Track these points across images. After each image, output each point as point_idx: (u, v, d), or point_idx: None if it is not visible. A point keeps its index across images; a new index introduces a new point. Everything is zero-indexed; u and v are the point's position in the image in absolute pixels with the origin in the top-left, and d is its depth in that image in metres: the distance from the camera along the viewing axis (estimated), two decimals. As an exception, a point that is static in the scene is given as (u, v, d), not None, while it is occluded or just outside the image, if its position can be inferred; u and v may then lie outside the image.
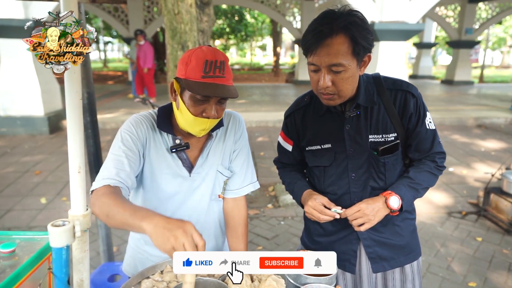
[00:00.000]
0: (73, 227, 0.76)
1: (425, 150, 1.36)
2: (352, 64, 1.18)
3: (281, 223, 3.89)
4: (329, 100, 1.27)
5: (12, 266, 0.81)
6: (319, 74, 1.21)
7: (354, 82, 1.24)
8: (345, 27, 1.14)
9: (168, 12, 4.01)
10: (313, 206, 1.32)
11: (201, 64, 1.12)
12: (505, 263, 3.16)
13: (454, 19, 16.19)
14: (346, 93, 1.24)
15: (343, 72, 1.18)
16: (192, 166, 1.31)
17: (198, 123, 1.19)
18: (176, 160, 1.29)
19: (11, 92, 7.26)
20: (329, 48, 1.15)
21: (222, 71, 1.15)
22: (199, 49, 1.16)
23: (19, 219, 3.83)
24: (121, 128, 1.25)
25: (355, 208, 1.27)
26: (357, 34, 1.14)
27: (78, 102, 0.76)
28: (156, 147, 1.27)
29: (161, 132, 1.28)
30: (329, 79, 1.20)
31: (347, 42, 1.14)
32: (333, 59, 1.16)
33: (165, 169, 1.28)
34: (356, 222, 1.27)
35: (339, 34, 1.14)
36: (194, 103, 1.16)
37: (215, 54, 1.15)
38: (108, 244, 2.55)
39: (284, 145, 1.51)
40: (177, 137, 1.27)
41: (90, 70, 2.22)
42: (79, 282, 0.84)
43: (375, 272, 1.41)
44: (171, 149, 1.26)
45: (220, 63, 1.14)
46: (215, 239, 1.45)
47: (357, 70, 1.22)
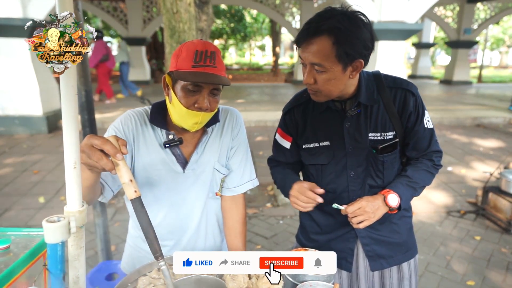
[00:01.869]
0: (69, 223, 0.75)
1: (423, 148, 1.36)
2: (335, 67, 1.16)
3: (280, 222, 3.89)
4: (314, 95, 1.27)
5: (6, 262, 0.80)
6: (305, 68, 1.22)
7: (339, 85, 1.21)
8: (329, 30, 1.11)
9: (166, 11, 4.00)
10: (297, 188, 1.30)
11: (191, 55, 1.12)
12: (504, 261, 3.16)
13: (453, 19, 16.21)
14: (328, 94, 1.23)
15: (324, 72, 1.17)
16: (187, 162, 1.29)
17: (191, 116, 1.17)
18: (170, 155, 1.27)
19: (9, 91, 7.24)
20: (312, 46, 1.15)
21: (213, 61, 1.14)
22: (190, 41, 1.16)
23: (17, 218, 3.82)
24: (112, 124, 1.27)
25: (356, 205, 1.25)
26: (341, 39, 1.11)
27: (74, 96, 0.75)
28: (146, 143, 1.26)
29: (154, 127, 1.27)
30: (312, 76, 1.20)
31: (329, 45, 1.12)
32: (314, 58, 1.15)
33: (158, 165, 1.26)
34: (356, 220, 1.25)
35: (323, 35, 1.13)
36: (186, 94, 1.15)
37: (205, 45, 1.15)
38: (106, 243, 2.55)
39: (282, 142, 1.47)
40: (170, 132, 1.26)
41: (88, 68, 2.22)
42: (74, 279, 0.83)
43: (373, 270, 1.41)
44: (164, 144, 1.25)
45: (211, 53, 1.14)
46: (213, 238, 1.44)
47: (343, 75, 1.19)
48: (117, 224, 3.78)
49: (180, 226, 1.35)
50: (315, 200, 1.26)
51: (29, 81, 7.23)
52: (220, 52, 1.20)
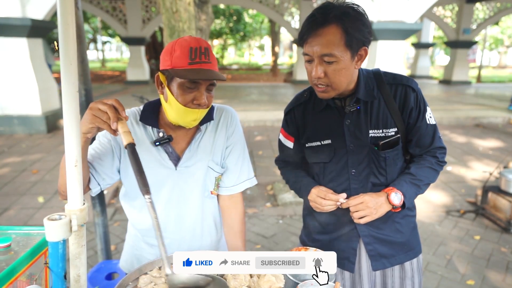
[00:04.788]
0: (70, 221, 0.74)
1: (426, 145, 1.35)
2: (345, 55, 1.16)
3: (279, 222, 3.89)
4: (323, 93, 1.25)
5: (7, 260, 0.80)
6: (312, 64, 1.21)
7: (348, 75, 1.22)
8: (338, 17, 1.13)
9: (166, 10, 4.00)
10: (316, 192, 1.32)
11: (186, 52, 1.12)
12: (503, 261, 3.16)
13: (452, 19, 16.24)
14: (339, 86, 1.23)
15: (335, 63, 1.17)
16: (179, 159, 1.29)
17: (189, 113, 1.18)
18: (162, 153, 1.28)
19: (8, 91, 7.24)
20: (321, 37, 1.15)
21: (207, 57, 1.15)
22: (181, 38, 1.16)
23: (17, 218, 3.81)
24: None
25: (359, 199, 1.25)
26: (350, 25, 1.13)
27: (75, 94, 0.75)
28: (139, 142, 1.26)
29: (146, 126, 1.27)
30: (322, 70, 1.19)
31: (339, 33, 1.14)
32: (324, 49, 1.15)
33: (150, 163, 1.26)
34: (357, 214, 1.25)
35: (332, 24, 1.14)
36: (183, 91, 1.15)
37: (198, 41, 1.15)
38: (106, 243, 2.54)
39: (285, 142, 1.48)
40: (160, 130, 1.26)
41: (88, 67, 2.21)
42: (76, 278, 0.82)
43: (374, 270, 1.40)
44: (154, 142, 1.25)
45: (205, 49, 1.14)
46: (210, 237, 1.42)
47: (352, 63, 1.20)
48: (117, 224, 3.78)
49: (175, 224, 1.34)
50: (338, 200, 1.28)
51: (28, 81, 7.22)
52: (211, 47, 1.21)
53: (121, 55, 43.65)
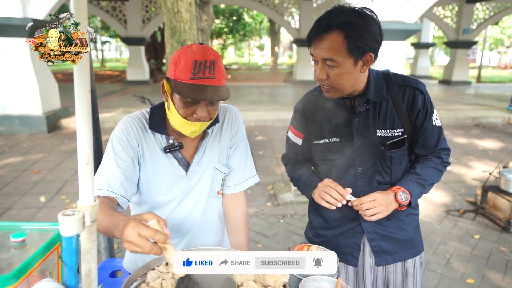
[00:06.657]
0: (83, 216, 0.77)
1: (431, 146, 1.39)
2: (347, 61, 1.19)
3: (280, 221, 3.91)
4: (327, 93, 1.30)
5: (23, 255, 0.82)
6: (317, 65, 1.25)
7: (351, 79, 1.25)
8: (340, 25, 1.16)
9: (167, 10, 4.02)
10: (326, 182, 1.32)
11: (190, 65, 1.08)
12: (503, 260, 3.19)
13: (452, 19, 16.27)
14: (342, 88, 1.26)
15: (336, 67, 1.20)
16: (189, 165, 1.30)
17: (189, 125, 1.17)
18: (172, 159, 1.28)
19: (9, 91, 7.25)
20: (323, 42, 1.19)
21: (212, 71, 1.10)
22: (188, 48, 1.12)
23: (19, 218, 3.83)
24: (113, 133, 1.24)
25: (371, 197, 1.28)
26: (352, 33, 1.16)
27: (87, 94, 0.77)
28: (149, 149, 1.26)
29: (154, 133, 1.26)
30: (324, 72, 1.23)
31: (341, 40, 1.17)
32: (326, 54, 1.19)
33: (161, 170, 1.27)
34: (369, 212, 1.28)
35: (334, 31, 1.17)
36: (184, 104, 1.13)
37: (205, 53, 1.10)
38: (109, 241, 2.56)
39: (294, 139, 1.50)
40: (170, 137, 1.26)
41: (92, 67, 2.23)
42: (87, 272, 0.85)
43: (378, 265, 1.43)
44: (164, 149, 1.25)
45: (210, 63, 1.09)
46: (215, 236, 1.44)
47: (355, 68, 1.22)
48: (119, 223, 3.79)
49: (182, 225, 1.36)
50: (344, 197, 1.29)
51: (29, 81, 7.24)
52: (220, 58, 1.16)
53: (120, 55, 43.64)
